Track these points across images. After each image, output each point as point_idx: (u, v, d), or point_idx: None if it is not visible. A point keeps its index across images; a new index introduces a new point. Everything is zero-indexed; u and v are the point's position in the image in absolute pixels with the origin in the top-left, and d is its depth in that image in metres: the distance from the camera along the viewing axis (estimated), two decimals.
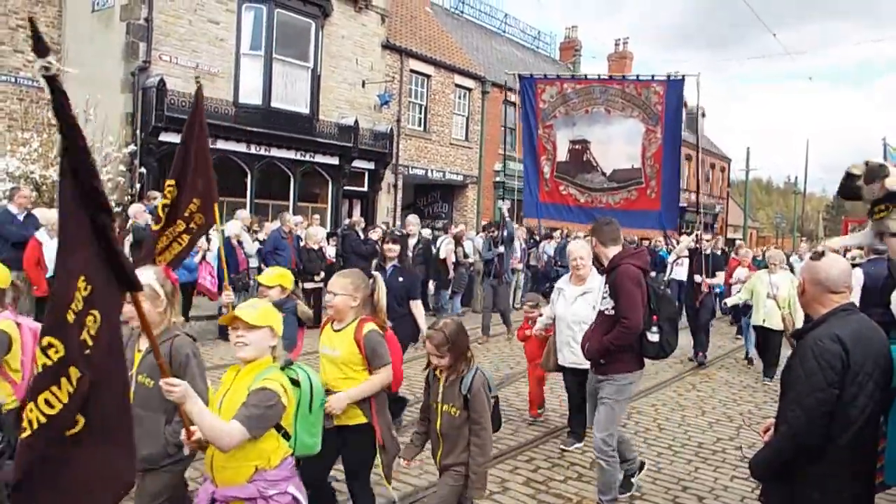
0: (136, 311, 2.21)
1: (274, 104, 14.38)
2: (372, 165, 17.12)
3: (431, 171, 19.96)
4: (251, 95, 14.12)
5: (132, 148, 12.12)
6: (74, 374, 1.78)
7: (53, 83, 1.63)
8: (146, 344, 2.79)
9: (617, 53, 33.49)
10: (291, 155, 14.90)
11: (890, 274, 5.92)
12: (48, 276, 7.21)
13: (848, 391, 2.46)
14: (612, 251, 4.36)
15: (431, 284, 12.53)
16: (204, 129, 4.61)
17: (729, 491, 4.83)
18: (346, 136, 15.75)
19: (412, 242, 10.83)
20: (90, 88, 12.16)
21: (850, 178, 4.18)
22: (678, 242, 11.08)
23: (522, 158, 9.56)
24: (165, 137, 12.30)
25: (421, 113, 19.73)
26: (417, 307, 5.82)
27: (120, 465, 1.96)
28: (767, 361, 8.52)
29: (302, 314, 4.29)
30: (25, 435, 1.77)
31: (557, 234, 15.10)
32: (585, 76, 10.72)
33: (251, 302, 2.87)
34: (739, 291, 9.20)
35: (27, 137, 12.24)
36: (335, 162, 15.85)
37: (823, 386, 2.45)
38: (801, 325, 7.19)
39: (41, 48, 1.60)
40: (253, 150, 14.03)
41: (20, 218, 7.79)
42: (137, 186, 12.03)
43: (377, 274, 3.78)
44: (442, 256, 12.62)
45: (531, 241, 14.94)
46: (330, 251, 11.65)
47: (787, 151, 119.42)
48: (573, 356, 5.33)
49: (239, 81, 14.02)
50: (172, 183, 4.39)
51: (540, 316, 6.09)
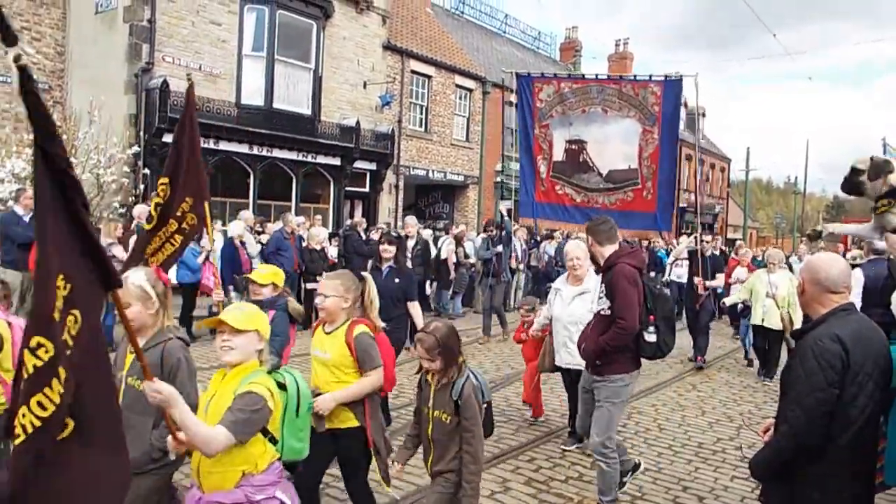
0: (118, 310, 2.14)
1: (276, 105, 14.41)
2: (373, 166, 17.16)
3: (432, 171, 19.99)
4: (253, 96, 14.15)
5: (136, 149, 12.16)
6: (63, 374, 1.70)
7: (24, 72, 1.57)
8: (140, 344, 2.72)
9: (617, 54, 33.47)
10: (293, 156, 14.95)
11: (890, 274, 5.93)
12: None
13: (848, 391, 2.47)
14: (607, 250, 4.30)
15: (430, 285, 12.58)
16: (195, 127, 4.60)
17: (729, 491, 4.85)
18: (347, 136, 15.79)
19: (411, 244, 10.87)
20: (94, 90, 12.26)
21: (854, 172, 4.21)
22: (678, 243, 11.08)
23: (518, 157, 9.54)
24: (169, 138, 12.21)
25: (422, 113, 19.75)
26: (415, 308, 5.79)
27: (114, 471, 1.88)
28: (766, 361, 8.55)
29: (293, 311, 4.26)
30: (20, 441, 1.67)
31: (558, 234, 15.08)
32: (583, 75, 10.72)
33: (237, 305, 2.83)
34: (739, 291, 9.23)
35: (33, 139, 12.28)
36: (337, 163, 15.90)
37: (823, 386, 2.46)
38: (799, 324, 7.22)
39: (9, 37, 1.53)
40: (255, 150, 14.08)
41: (26, 219, 7.81)
42: (141, 188, 12.06)
43: (367, 274, 3.75)
44: (443, 257, 12.63)
45: (532, 241, 14.94)
46: (332, 252, 11.68)
47: (786, 151, 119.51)
48: (570, 357, 5.28)
49: (241, 83, 14.05)
50: (166, 181, 4.39)
51: (538, 317, 6.06)
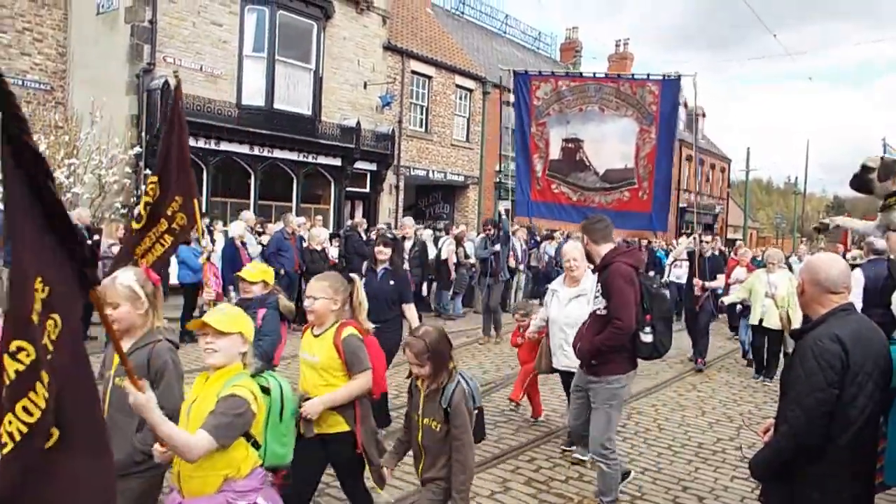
0: (97, 310, 2.06)
1: (276, 106, 14.43)
2: (374, 166, 17.19)
3: (433, 171, 20.01)
4: (254, 97, 14.18)
5: (137, 150, 12.17)
6: (46, 378, 1.62)
7: None
8: (128, 345, 2.74)
9: (617, 54, 33.49)
10: (294, 156, 14.97)
11: (890, 274, 5.93)
12: None
13: (848, 391, 2.47)
14: (603, 249, 4.25)
15: (429, 286, 12.59)
16: (184, 125, 4.60)
17: (729, 491, 4.85)
18: (348, 137, 15.81)
19: (408, 245, 10.84)
20: (95, 91, 12.30)
21: (864, 170, 4.23)
22: (678, 244, 11.06)
23: (514, 156, 9.49)
24: None
25: (422, 114, 19.77)
26: (410, 310, 5.70)
27: (95, 475, 1.80)
28: (766, 361, 8.55)
29: (284, 309, 4.24)
30: (8, 450, 1.57)
31: (558, 234, 15.06)
32: (581, 74, 10.71)
33: (221, 307, 2.82)
34: (738, 290, 9.23)
35: (35, 140, 12.31)
36: (337, 163, 15.92)
37: (823, 386, 2.46)
38: (798, 324, 7.22)
39: None
40: (256, 151, 14.11)
41: None
42: (143, 188, 12.06)
43: (355, 276, 3.71)
44: (443, 257, 12.64)
45: (532, 241, 14.94)
46: (333, 252, 11.70)
47: (786, 152, 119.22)
48: (566, 359, 5.20)
49: (242, 83, 14.07)
50: (155, 180, 4.38)
51: (533, 320, 6.01)
